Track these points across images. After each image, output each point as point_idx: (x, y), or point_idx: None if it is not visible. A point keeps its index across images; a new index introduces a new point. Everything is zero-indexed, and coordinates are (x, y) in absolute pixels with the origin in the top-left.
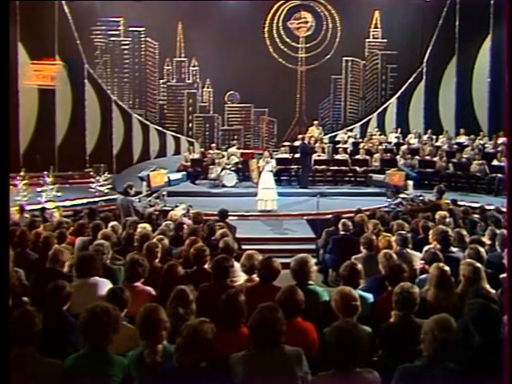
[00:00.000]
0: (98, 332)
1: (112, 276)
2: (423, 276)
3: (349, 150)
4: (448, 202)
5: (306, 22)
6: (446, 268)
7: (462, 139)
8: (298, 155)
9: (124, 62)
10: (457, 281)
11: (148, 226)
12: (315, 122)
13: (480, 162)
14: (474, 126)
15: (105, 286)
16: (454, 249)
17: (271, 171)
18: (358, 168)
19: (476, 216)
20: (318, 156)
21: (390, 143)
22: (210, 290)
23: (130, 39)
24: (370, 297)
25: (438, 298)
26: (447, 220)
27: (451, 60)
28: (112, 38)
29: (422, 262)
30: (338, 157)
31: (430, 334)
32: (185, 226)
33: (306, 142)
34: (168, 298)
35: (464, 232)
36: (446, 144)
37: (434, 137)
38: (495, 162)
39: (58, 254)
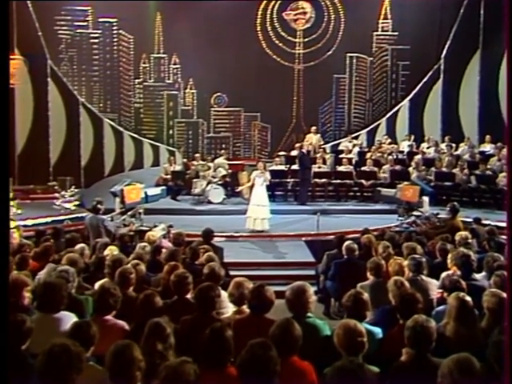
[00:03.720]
0: (59, 376)
1: (78, 308)
2: (441, 307)
3: (354, 161)
4: (468, 220)
5: (305, 13)
6: (468, 298)
7: (487, 148)
8: (295, 167)
9: (93, 57)
10: (481, 314)
11: (115, 248)
12: (313, 128)
13: None
14: (500, 133)
15: (70, 320)
16: (477, 275)
17: (264, 182)
18: (364, 181)
19: (504, 237)
20: (319, 168)
21: (401, 152)
22: (192, 324)
23: (99, 31)
24: (378, 331)
25: (458, 334)
26: (469, 241)
27: (474, 55)
28: (79, 30)
29: (440, 290)
30: (341, 168)
31: (448, 377)
32: (164, 249)
33: (304, 151)
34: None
35: (501, 257)
36: (468, 153)
37: (454, 145)
38: None
39: (16, 282)
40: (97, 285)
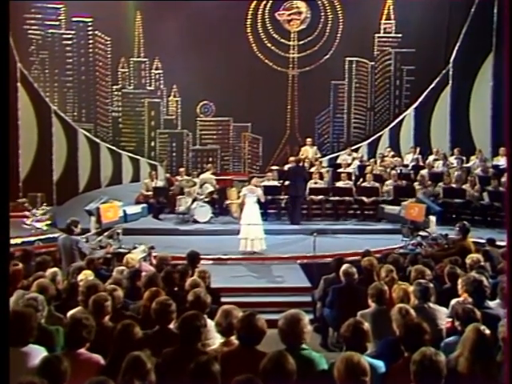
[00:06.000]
0: None
1: (48, 340)
2: (451, 338)
3: (354, 176)
4: (481, 241)
5: (300, 13)
6: (487, 331)
7: (501, 161)
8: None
9: (67, 61)
10: (495, 346)
11: (91, 273)
12: (308, 140)
13: None
14: None
15: (39, 354)
16: (491, 303)
17: (257, 202)
18: (365, 198)
19: None
20: (315, 183)
21: (406, 166)
22: (175, 357)
23: (73, 32)
24: (380, 365)
25: (472, 369)
26: (482, 265)
27: (486, 59)
28: (51, 30)
29: (449, 319)
30: (339, 184)
31: None
32: (144, 274)
33: (300, 164)
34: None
35: None
36: (480, 167)
37: (464, 158)
38: None
39: None
40: (69, 315)
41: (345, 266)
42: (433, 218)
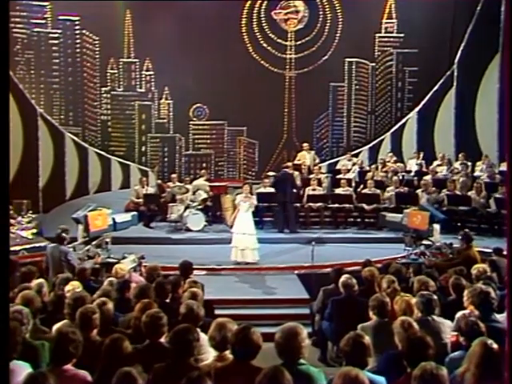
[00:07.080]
0: None
1: (33, 356)
2: (456, 353)
3: (354, 182)
4: (488, 251)
5: (297, 12)
6: (495, 346)
7: None
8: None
9: (53, 61)
10: (503, 361)
11: (79, 285)
12: (305, 145)
13: None
14: None
15: (23, 371)
16: (498, 316)
17: (250, 208)
18: (365, 206)
19: None
20: (313, 190)
21: (408, 172)
22: (166, 373)
23: (60, 31)
24: (381, 381)
25: None
26: (489, 275)
27: (493, 59)
28: (37, 29)
29: (455, 333)
30: (339, 191)
31: None
32: (133, 285)
33: (288, 170)
34: None
35: None
36: (486, 173)
37: (469, 164)
38: None
39: None
40: (54, 328)
41: (344, 277)
42: (437, 227)
